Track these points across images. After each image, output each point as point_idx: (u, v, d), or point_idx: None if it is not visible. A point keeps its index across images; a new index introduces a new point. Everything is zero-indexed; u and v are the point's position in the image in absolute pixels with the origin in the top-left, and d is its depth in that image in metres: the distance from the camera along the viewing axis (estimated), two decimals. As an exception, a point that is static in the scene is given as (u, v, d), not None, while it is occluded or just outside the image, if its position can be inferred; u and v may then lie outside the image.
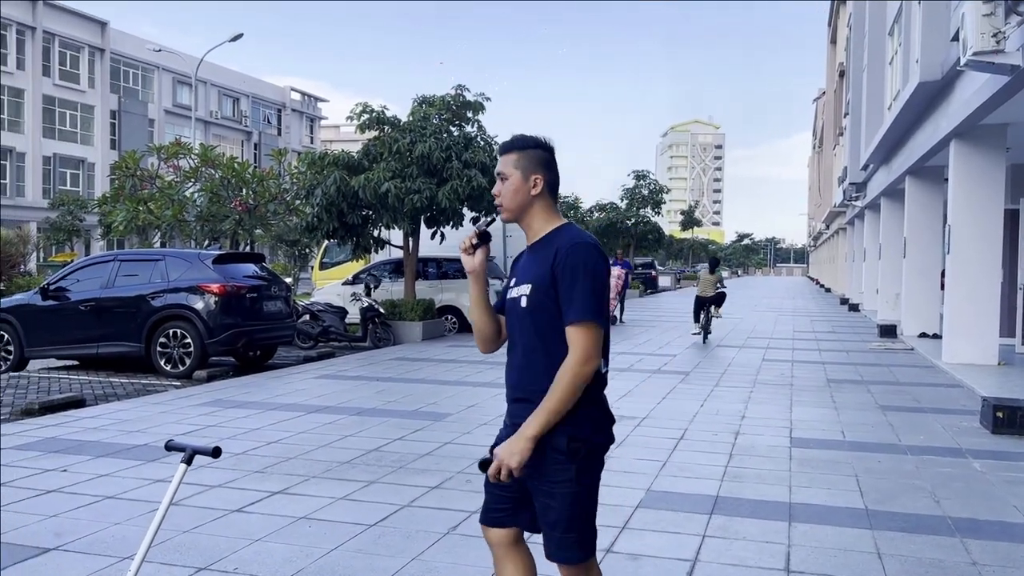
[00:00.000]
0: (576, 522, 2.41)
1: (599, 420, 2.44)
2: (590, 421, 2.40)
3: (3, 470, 5.56)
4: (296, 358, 12.68)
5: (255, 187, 17.08)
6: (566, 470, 2.37)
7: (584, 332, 2.31)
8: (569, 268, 2.36)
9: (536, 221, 2.54)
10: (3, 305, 11.46)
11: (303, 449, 6.27)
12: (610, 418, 2.49)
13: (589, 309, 2.32)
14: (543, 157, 2.55)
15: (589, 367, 2.31)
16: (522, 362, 2.46)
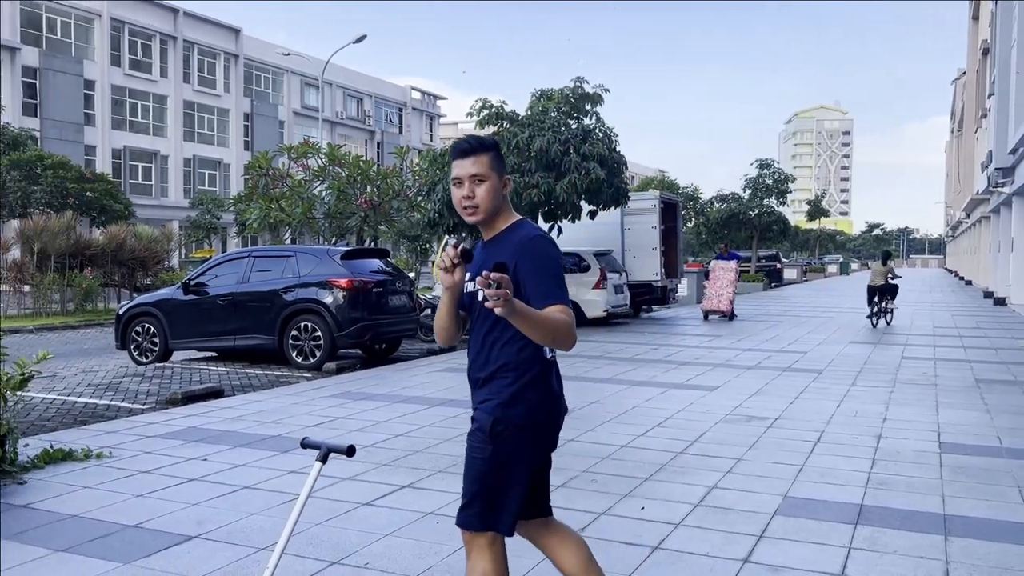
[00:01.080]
0: (481, 495, 2.57)
1: (537, 404, 2.58)
2: (524, 405, 2.56)
3: (150, 457, 5.85)
4: (419, 351, 12.89)
5: (379, 184, 17.51)
6: (484, 448, 2.56)
7: (566, 312, 2.46)
8: (534, 260, 2.53)
9: (499, 219, 2.67)
10: (149, 300, 12.17)
11: (429, 443, 6.32)
12: (552, 399, 2.62)
13: (561, 295, 2.50)
14: (501, 158, 2.70)
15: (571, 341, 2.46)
16: (480, 347, 2.65)
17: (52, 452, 5.69)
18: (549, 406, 2.63)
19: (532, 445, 2.61)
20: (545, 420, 2.63)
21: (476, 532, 2.61)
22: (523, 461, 2.60)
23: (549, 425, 2.65)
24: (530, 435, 2.59)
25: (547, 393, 2.62)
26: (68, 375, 10.63)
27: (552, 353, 2.64)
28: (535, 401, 2.59)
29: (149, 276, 24.09)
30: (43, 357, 5.48)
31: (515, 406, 2.57)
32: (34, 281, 20.93)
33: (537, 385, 2.60)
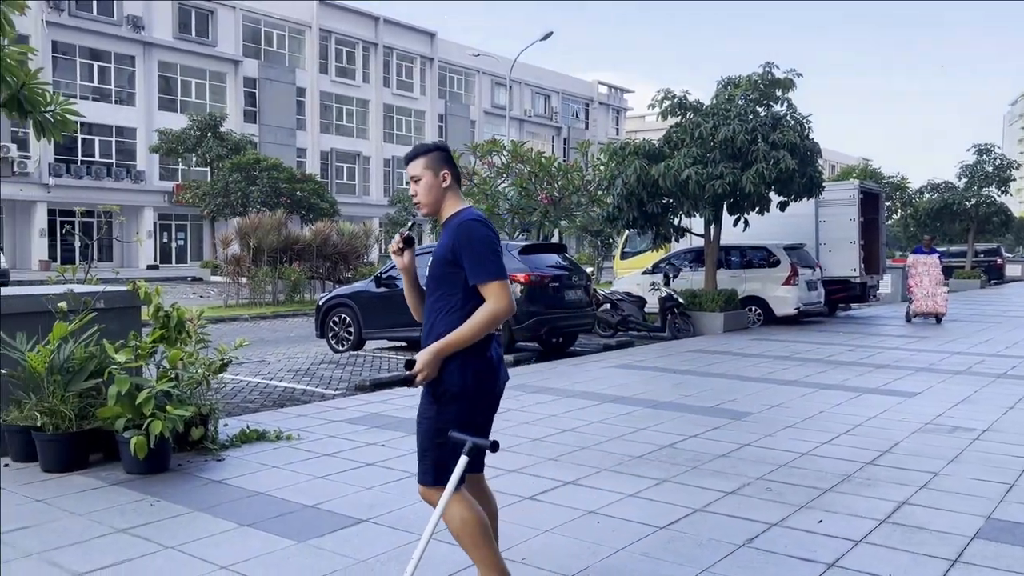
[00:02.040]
0: (430, 452, 3.01)
1: (474, 371, 2.94)
2: (462, 372, 2.92)
3: (334, 441, 6.20)
4: (596, 346, 12.83)
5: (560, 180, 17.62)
6: (430, 409, 2.99)
7: (495, 287, 2.87)
8: (465, 241, 2.92)
9: (447, 208, 3.10)
10: (345, 292, 12.95)
11: (596, 440, 6.25)
12: (490, 368, 2.99)
13: (492, 271, 2.88)
14: (444, 156, 3.12)
15: (505, 313, 2.87)
16: (427, 316, 3.09)
17: (248, 432, 6.16)
18: (487, 375, 3.00)
19: (471, 409, 2.99)
20: (483, 387, 3.00)
21: (430, 487, 3.03)
22: (465, 423, 2.95)
23: (487, 392, 3.02)
24: (470, 400, 2.97)
25: (485, 362, 2.99)
26: (274, 361, 11.52)
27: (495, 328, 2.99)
28: (473, 369, 2.95)
29: (350, 270, 25.67)
30: (240, 344, 5.94)
31: (454, 373, 2.94)
32: (250, 274, 22.90)
33: (476, 354, 2.96)
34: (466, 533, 3.00)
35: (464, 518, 2.97)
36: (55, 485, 4.95)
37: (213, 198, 35.26)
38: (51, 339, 5.32)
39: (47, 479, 5.08)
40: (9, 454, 5.44)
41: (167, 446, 5.27)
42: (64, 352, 5.36)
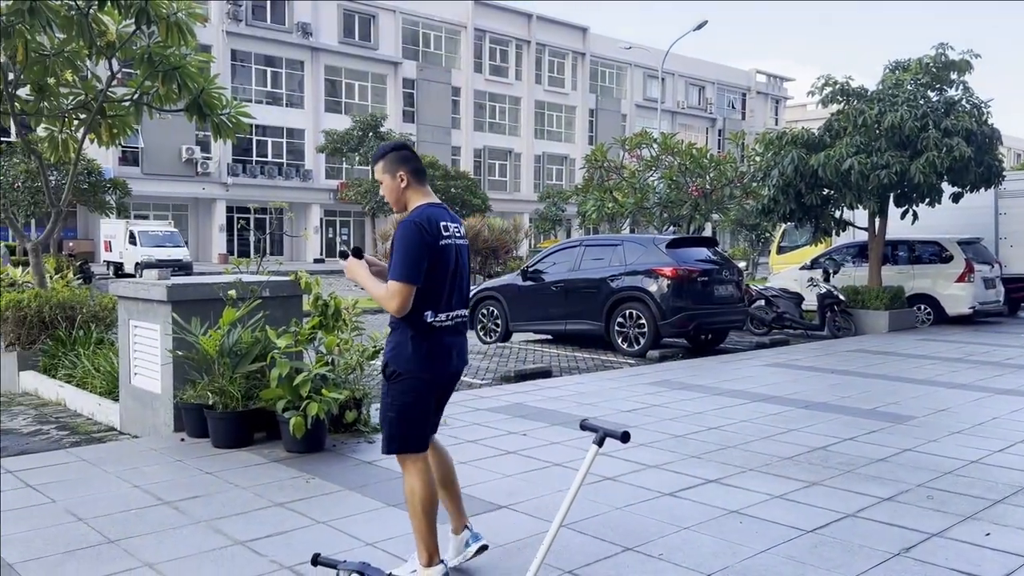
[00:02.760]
0: (384, 423, 3.36)
1: (416, 357, 3.25)
2: (405, 356, 3.26)
3: (478, 428, 6.34)
4: (748, 344, 12.42)
5: (712, 172, 17.16)
6: (384, 385, 3.36)
7: (392, 285, 3.19)
8: (395, 239, 3.24)
9: (411, 205, 3.37)
10: (493, 285, 13.21)
11: (743, 439, 6.06)
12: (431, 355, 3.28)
13: (396, 272, 3.17)
14: (400, 156, 3.38)
15: (389, 306, 3.20)
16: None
17: (397, 417, 6.41)
18: (429, 360, 3.29)
19: (418, 388, 3.30)
20: (425, 371, 3.29)
21: (393, 454, 3.39)
22: (413, 399, 3.30)
23: (430, 376, 3.31)
24: (414, 380, 3.29)
25: (427, 350, 3.28)
26: (424, 351, 11.92)
27: (436, 318, 3.28)
28: (415, 354, 3.26)
29: (500, 264, 26.14)
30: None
31: (398, 356, 3.29)
32: (405, 267, 23.76)
33: (417, 342, 3.26)
34: (413, 503, 3.34)
35: (415, 489, 3.33)
36: (223, 460, 5.35)
37: (373, 195, 36.84)
38: (221, 324, 5.75)
39: (217, 454, 5.49)
40: (185, 429, 5.94)
41: (323, 427, 5.57)
42: (232, 337, 5.78)
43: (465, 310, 3.46)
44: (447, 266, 3.29)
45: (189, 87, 9.08)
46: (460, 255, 3.40)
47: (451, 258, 3.32)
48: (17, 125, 9.74)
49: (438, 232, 3.25)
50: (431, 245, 3.20)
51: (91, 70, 9.60)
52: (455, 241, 3.36)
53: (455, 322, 3.37)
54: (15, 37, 8.35)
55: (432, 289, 3.23)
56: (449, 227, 3.34)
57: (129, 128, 9.78)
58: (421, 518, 3.33)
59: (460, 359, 3.42)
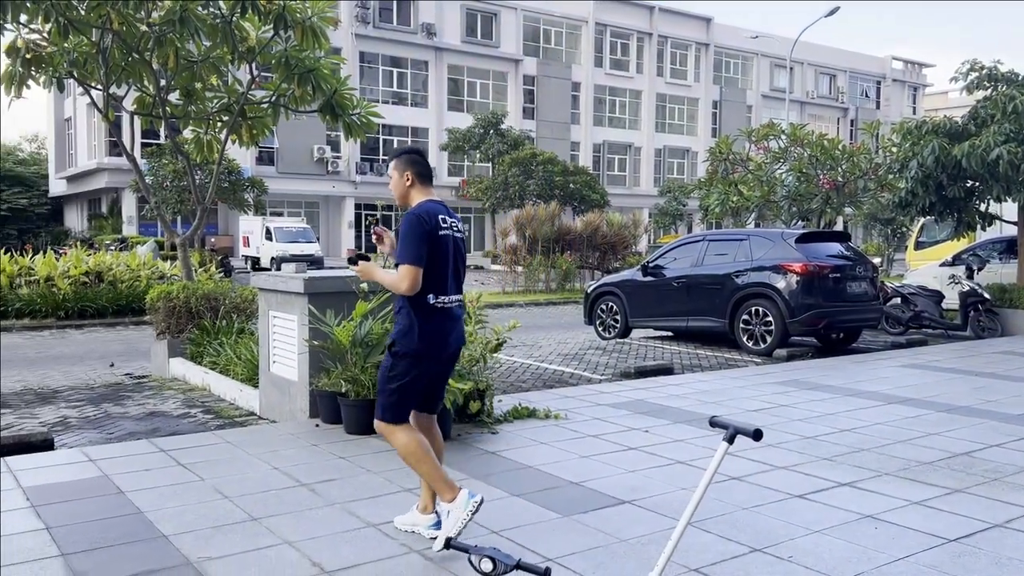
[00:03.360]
0: (380, 393, 3.76)
1: (419, 336, 3.65)
2: (410, 336, 3.66)
3: (599, 423, 6.34)
4: (882, 344, 11.84)
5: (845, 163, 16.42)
6: (387, 360, 3.74)
7: (402, 269, 3.61)
8: (401, 229, 3.68)
9: (412, 202, 3.84)
10: (612, 280, 13.14)
11: (878, 442, 5.80)
12: (433, 336, 3.67)
13: (403, 255, 3.61)
14: (410, 159, 3.88)
15: (401, 288, 3.61)
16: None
17: (520, 409, 6.50)
18: (431, 340, 3.68)
19: (418, 365, 3.69)
20: (427, 351, 3.69)
21: (380, 421, 3.76)
22: (413, 376, 3.69)
23: (432, 354, 3.71)
24: (416, 359, 3.67)
25: (429, 331, 3.67)
26: (544, 345, 12.00)
27: (437, 300, 3.68)
28: (418, 334, 3.66)
29: (618, 259, 25.97)
30: (513, 326, 6.27)
31: (403, 336, 3.68)
32: (525, 263, 23.99)
33: (422, 323, 3.66)
34: (409, 453, 3.70)
35: (405, 442, 3.71)
36: (355, 445, 5.57)
37: (494, 192, 37.33)
38: (354, 316, 5.99)
39: (349, 439, 5.73)
40: (320, 415, 6.22)
41: (448, 417, 5.71)
42: (364, 328, 6.01)
43: (461, 295, 3.89)
44: (445, 254, 3.73)
45: (323, 89, 9.49)
46: (457, 245, 3.83)
47: (448, 247, 3.75)
48: (168, 128, 10.44)
49: (436, 224, 3.71)
50: (430, 234, 3.66)
51: (233, 74, 10.17)
52: (452, 233, 3.79)
53: (453, 305, 3.79)
54: (167, 45, 8.96)
55: (433, 275, 3.66)
56: (447, 220, 3.79)
57: (267, 129, 10.30)
58: (424, 464, 3.72)
59: (457, 340, 3.83)
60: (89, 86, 9.91)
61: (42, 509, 4.24)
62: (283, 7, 8.81)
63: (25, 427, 6.57)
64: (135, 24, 8.89)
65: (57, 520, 4.08)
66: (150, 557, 3.64)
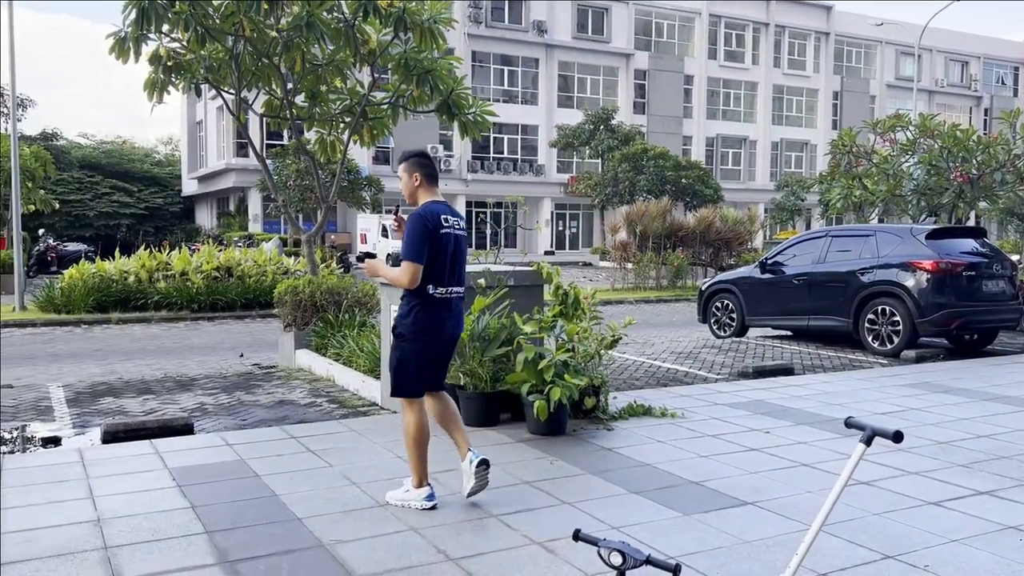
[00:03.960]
0: (391, 372, 4.26)
1: (419, 322, 4.11)
2: (410, 321, 4.12)
3: (717, 423, 6.23)
4: (1021, 346, 11.12)
5: (980, 155, 15.46)
6: (394, 341, 4.23)
7: (403, 264, 4.04)
8: (407, 227, 4.12)
9: (420, 201, 4.23)
10: (728, 277, 12.85)
11: (1020, 449, 5.46)
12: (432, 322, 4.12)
13: (406, 252, 4.01)
14: (418, 161, 4.26)
15: (402, 282, 4.05)
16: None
17: (635, 407, 6.46)
18: (429, 325, 4.13)
19: (419, 347, 4.16)
20: (424, 335, 4.14)
21: (397, 397, 4.29)
22: (415, 356, 4.17)
23: (429, 338, 4.15)
24: (416, 341, 4.14)
25: (430, 317, 4.13)
26: (657, 343, 11.87)
27: (436, 291, 4.11)
28: (419, 320, 4.12)
29: (733, 256, 25.36)
30: (628, 323, 6.24)
31: (404, 320, 4.16)
32: (635, 259, 23.76)
33: (422, 311, 4.12)
34: (409, 433, 4.22)
35: (409, 425, 4.21)
36: (473, 437, 5.64)
37: (603, 188, 37.12)
38: (472, 311, 6.09)
39: (468, 432, 5.81)
40: (438, 408, 6.36)
41: (564, 412, 5.74)
42: (481, 323, 6.11)
43: (461, 287, 4.29)
44: (446, 250, 4.13)
45: (440, 89, 9.69)
46: (458, 243, 4.24)
47: (449, 244, 4.15)
48: (294, 129, 10.90)
49: (437, 223, 4.11)
50: (432, 233, 4.08)
51: (355, 76, 10.51)
52: (453, 231, 4.20)
53: (452, 296, 4.21)
54: (294, 50, 9.35)
55: (434, 269, 4.09)
56: (448, 219, 4.19)
57: (387, 129, 10.60)
58: (414, 449, 4.23)
59: (455, 326, 4.28)
60: (222, 90, 10.45)
61: (187, 489, 4.53)
62: (403, 9, 9.05)
63: (167, 412, 7.01)
64: (265, 30, 9.32)
65: (200, 499, 4.35)
66: (285, 538, 3.83)
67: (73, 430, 6.43)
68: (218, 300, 16.39)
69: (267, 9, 9.03)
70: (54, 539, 3.78)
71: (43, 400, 7.61)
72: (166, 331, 14.22)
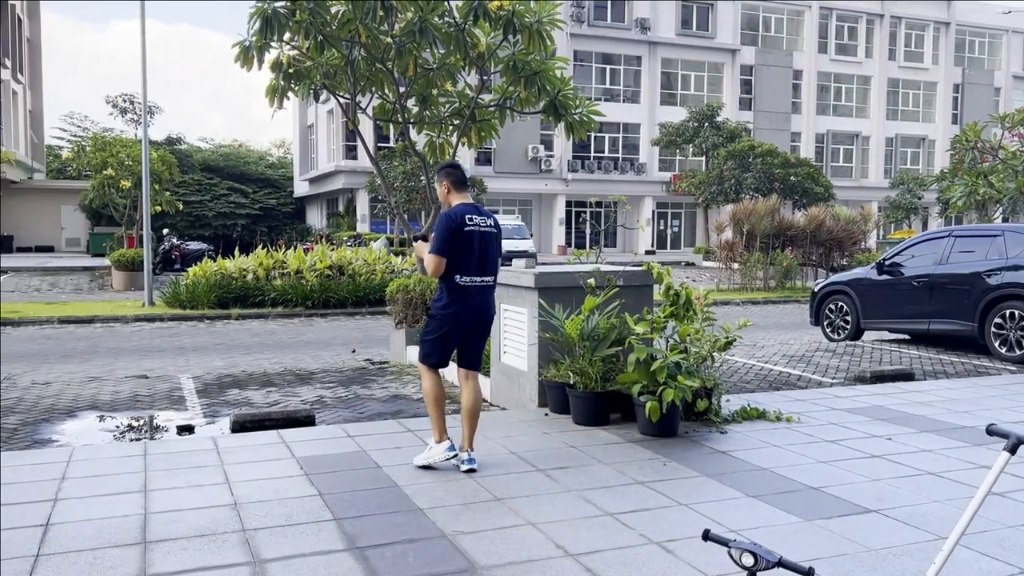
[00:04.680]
0: (421, 344, 5.01)
1: (449, 305, 4.83)
2: (441, 303, 4.86)
3: (835, 428, 6.06)
4: None
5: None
6: (426, 320, 5.13)
7: (429, 257, 4.79)
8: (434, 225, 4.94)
9: (452, 204, 4.91)
10: (842, 279, 12.42)
11: None
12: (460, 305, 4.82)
13: (431, 248, 4.77)
14: (447, 171, 5.00)
15: (428, 270, 4.82)
16: None
17: (748, 410, 6.36)
18: (458, 309, 4.83)
19: (443, 327, 4.87)
20: (450, 316, 4.84)
21: (421, 364, 4.96)
22: (436, 333, 4.90)
23: (453, 320, 4.84)
24: (440, 320, 4.87)
25: (454, 302, 4.82)
26: (766, 345, 11.61)
27: (462, 280, 4.79)
28: (449, 304, 4.83)
29: (845, 256, 24.49)
30: (744, 324, 6.15)
31: (436, 303, 4.90)
32: (742, 259, 23.25)
33: (449, 296, 4.83)
34: (426, 394, 4.95)
35: (427, 386, 4.95)
36: (583, 436, 5.72)
37: (708, 186, 36.45)
38: (583, 310, 6.14)
39: (577, 430, 5.89)
40: (548, 405, 6.44)
41: (676, 413, 5.71)
42: (591, 322, 6.14)
43: (489, 277, 4.93)
44: (471, 245, 4.80)
45: (547, 90, 9.76)
46: (484, 238, 4.86)
47: (474, 240, 4.81)
48: (405, 132, 11.20)
49: (462, 221, 4.78)
50: (456, 230, 4.76)
51: (465, 79, 10.71)
52: (479, 228, 4.84)
53: (478, 284, 4.87)
54: (406, 55, 9.61)
55: (460, 260, 4.78)
56: (474, 218, 4.83)
57: (495, 131, 10.76)
58: (432, 407, 4.94)
59: (480, 311, 4.93)
60: (337, 95, 10.84)
61: (314, 477, 4.75)
62: (512, 12, 9.17)
63: (289, 404, 7.34)
64: (379, 36, 9.61)
65: (327, 488, 4.56)
66: (409, 527, 3.97)
67: (204, 419, 6.82)
68: (330, 297, 16.99)
69: (382, 16, 9.31)
70: (198, 520, 4.04)
71: (176, 390, 8.10)
72: (282, 327, 14.84)
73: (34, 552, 3.64)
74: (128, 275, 21.64)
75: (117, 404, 7.49)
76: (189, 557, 3.59)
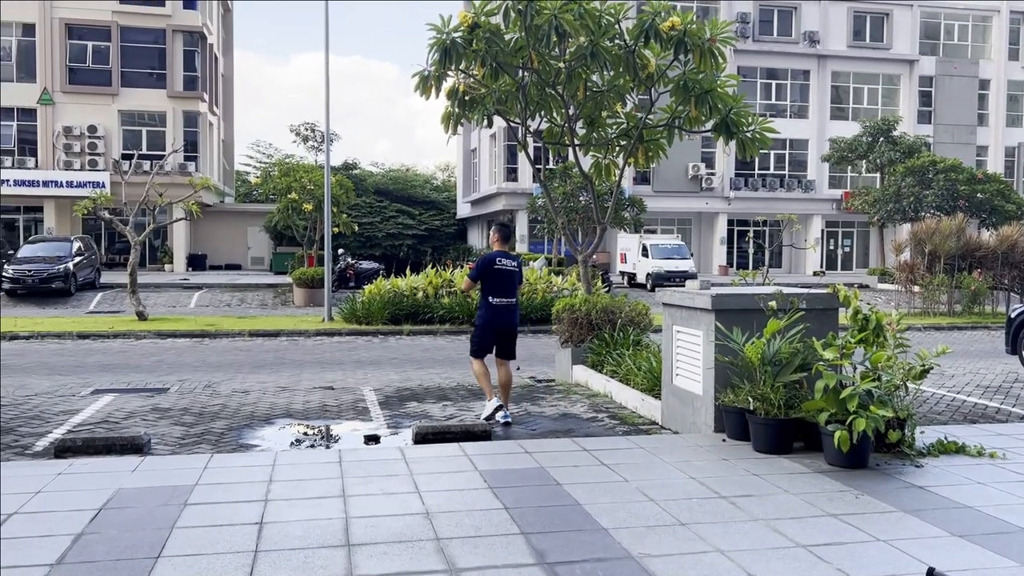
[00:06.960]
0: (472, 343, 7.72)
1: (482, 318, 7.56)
2: (479, 315, 7.63)
3: None
4: None
5: None
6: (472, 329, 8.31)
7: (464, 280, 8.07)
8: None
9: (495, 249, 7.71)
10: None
11: None
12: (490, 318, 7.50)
13: (470, 275, 7.70)
14: (496, 228, 7.84)
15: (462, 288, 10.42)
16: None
17: (946, 444, 5.95)
18: (489, 321, 7.48)
19: (482, 331, 7.53)
20: (485, 324, 7.51)
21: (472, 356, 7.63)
22: (481, 336, 7.54)
23: (491, 328, 7.50)
24: (479, 327, 7.57)
25: (487, 315, 7.47)
26: (956, 374, 10.82)
27: (494, 300, 7.44)
28: (483, 317, 7.52)
29: None
30: (942, 351, 5.78)
31: (478, 314, 7.67)
32: (923, 282, 21.80)
33: (483, 310, 7.51)
34: (475, 371, 7.57)
35: (475, 368, 7.56)
36: (766, 464, 5.55)
37: (883, 204, 34.44)
38: (765, 333, 5.97)
39: (758, 458, 5.72)
40: (725, 431, 6.30)
41: (867, 444, 5.44)
42: (773, 346, 5.97)
43: (511, 299, 7.49)
44: (499, 277, 7.42)
45: (719, 108, 9.61)
46: (510, 273, 7.48)
47: (503, 273, 7.42)
48: (574, 154, 11.35)
49: (492, 261, 7.42)
50: (487, 266, 7.41)
51: (633, 101, 10.72)
52: (505, 267, 7.45)
53: (504, 304, 7.44)
54: (576, 79, 9.76)
55: (492, 286, 7.40)
56: (502, 261, 7.47)
57: (663, 151, 10.69)
58: (481, 379, 7.54)
59: (505, 322, 7.50)
60: (509, 120, 11.14)
61: (498, 491, 4.88)
62: (684, 32, 9.11)
63: (465, 418, 7.59)
64: (550, 61, 9.82)
65: (512, 502, 4.67)
66: (595, 546, 4.00)
67: (388, 430, 7.18)
68: (494, 316, 17.37)
69: (555, 42, 9.50)
70: (394, 526, 4.25)
71: (359, 401, 8.56)
72: (450, 343, 15.34)
73: (253, 548, 3.96)
74: (308, 292, 23.07)
75: (308, 412, 8.01)
76: (390, 562, 3.78)
